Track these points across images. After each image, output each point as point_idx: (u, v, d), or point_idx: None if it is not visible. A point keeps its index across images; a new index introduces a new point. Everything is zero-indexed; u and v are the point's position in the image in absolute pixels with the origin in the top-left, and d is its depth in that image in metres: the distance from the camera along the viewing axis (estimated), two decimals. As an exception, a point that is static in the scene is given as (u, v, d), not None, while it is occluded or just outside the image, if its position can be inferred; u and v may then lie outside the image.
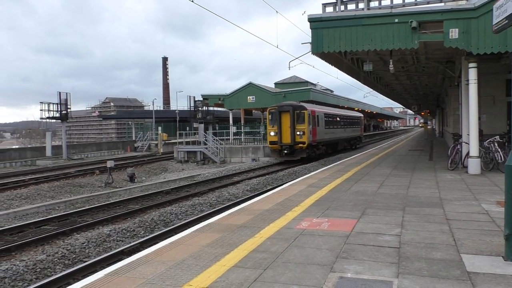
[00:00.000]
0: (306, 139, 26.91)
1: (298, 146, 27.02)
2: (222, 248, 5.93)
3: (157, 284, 4.64)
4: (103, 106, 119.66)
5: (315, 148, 28.81)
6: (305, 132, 26.82)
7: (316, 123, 28.67)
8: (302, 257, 5.41)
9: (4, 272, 7.43)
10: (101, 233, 9.99)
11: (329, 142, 32.31)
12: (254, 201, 9.78)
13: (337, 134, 34.91)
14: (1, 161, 33.62)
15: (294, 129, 27.03)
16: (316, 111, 29.16)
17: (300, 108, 27.44)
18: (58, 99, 37.58)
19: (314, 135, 27.98)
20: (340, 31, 13.96)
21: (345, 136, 37.70)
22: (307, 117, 27.03)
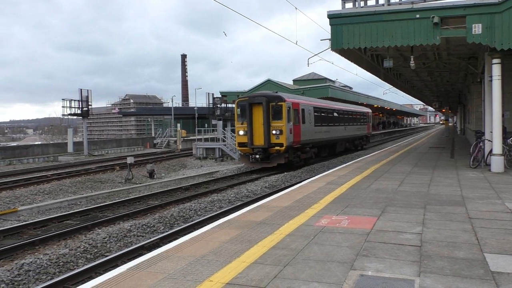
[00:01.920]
0: (285, 140, 20.65)
1: (274, 149, 20.82)
2: (241, 244, 5.96)
3: (178, 279, 4.69)
4: (123, 103, 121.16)
5: (299, 151, 22.72)
6: (283, 131, 20.68)
7: (301, 119, 22.59)
8: (322, 254, 5.40)
9: (28, 265, 7.61)
10: (122, 228, 10.14)
11: (322, 143, 26.50)
12: (273, 198, 9.79)
13: (334, 133, 28.72)
14: (25, 156, 34.36)
15: (268, 127, 20.81)
16: (300, 104, 22.99)
17: (276, 99, 21.06)
18: (80, 96, 38.20)
19: (297, 134, 21.99)
20: (359, 27, 13.83)
21: (346, 135, 31.66)
22: (286, 111, 20.85)
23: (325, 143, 27.12)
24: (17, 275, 7.26)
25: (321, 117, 26.28)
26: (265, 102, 20.80)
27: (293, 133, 21.47)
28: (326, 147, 27.90)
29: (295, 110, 21.85)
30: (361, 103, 55.45)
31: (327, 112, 27.91)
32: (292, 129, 21.31)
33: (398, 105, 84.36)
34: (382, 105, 66.83)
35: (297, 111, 22.26)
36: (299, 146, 22.41)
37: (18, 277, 7.23)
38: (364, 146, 37.83)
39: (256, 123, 21.08)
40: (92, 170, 24.38)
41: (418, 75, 29.13)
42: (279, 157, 20.92)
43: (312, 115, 24.48)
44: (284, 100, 21.07)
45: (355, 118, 34.88)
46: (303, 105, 23.26)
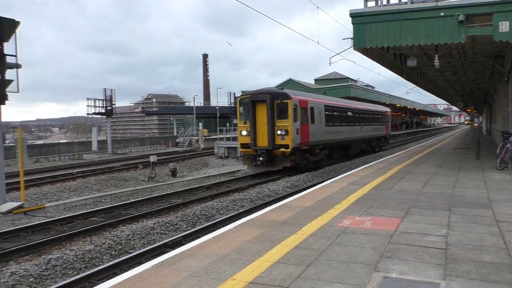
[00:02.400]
0: (291, 141, 18.96)
1: (279, 151, 19.14)
2: (264, 243, 5.98)
3: (202, 277, 4.74)
4: (146, 102, 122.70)
5: (307, 153, 20.98)
6: (288, 131, 18.97)
7: (309, 119, 20.89)
8: (345, 255, 5.38)
9: (55, 260, 7.80)
10: (145, 225, 10.29)
11: (334, 144, 24.61)
12: (295, 198, 9.79)
13: (348, 134, 26.75)
14: (51, 154, 35.17)
15: (273, 126, 19.15)
16: (309, 102, 21.19)
17: (281, 96, 19.26)
18: (104, 96, 38.85)
19: (305, 135, 20.24)
20: (382, 26, 13.69)
21: (361, 136, 29.59)
22: (292, 110, 19.11)
23: (338, 144, 25.12)
24: (45, 270, 7.46)
25: (334, 116, 24.44)
26: (269, 99, 19.04)
27: (301, 134, 19.76)
28: (339, 149, 25.93)
29: (302, 108, 20.17)
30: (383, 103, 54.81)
31: (340, 111, 25.98)
32: (299, 129, 19.59)
33: (421, 105, 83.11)
34: (404, 104, 65.93)
35: (305, 109, 20.52)
36: (307, 147, 20.68)
37: (45, 271, 7.42)
38: (382, 148, 35.92)
39: (260, 122, 19.43)
40: (116, 168, 24.78)
41: (442, 74, 28.63)
42: (285, 159, 19.22)
43: (322, 114, 22.66)
44: (290, 97, 19.20)
45: (372, 118, 32.62)
46: (312, 103, 21.48)
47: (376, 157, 26.95)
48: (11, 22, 12.12)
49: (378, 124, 33.87)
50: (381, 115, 35.57)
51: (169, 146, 50.26)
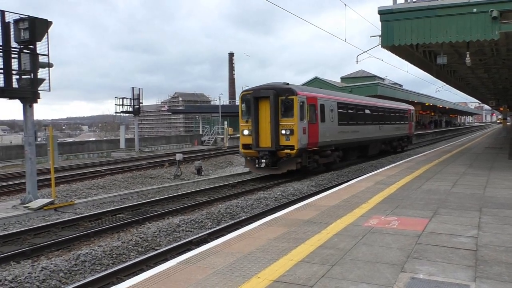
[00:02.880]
0: (296, 142, 17.21)
1: (283, 152, 17.40)
2: (289, 242, 5.96)
3: (227, 274, 4.76)
4: (172, 100, 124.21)
5: (316, 155, 19.02)
6: (294, 130, 17.23)
7: (319, 117, 19.06)
8: (371, 255, 5.30)
9: (84, 256, 7.97)
10: (171, 223, 10.40)
11: (349, 145, 22.66)
12: (319, 197, 9.72)
13: (366, 134, 24.67)
14: (80, 152, 35.99)
15: (276, 125, 17.37)
16: (319, 98, 19.34)
17: (286, 92, 17.56)
18: (132, 94, 39.48)
19: (313, 134, 18.43)
20: (411, 23, 13.44)
21: (380, 136, 27.38)
22: (298, 107, 17.37)
23: (353, 144, 23.15)
24: (74, 265, 7.63)
25: (348, 115, 22.35)
26: (273, 95, 17.31)
27: (308, 133, 17.89)
28: (354, 150, 23.93)
29: (311, 105, 18.37)
30: (411, 101, 53.84)
31: (356, 109, 23.78)
32: (306, 128, 17.76)
33: (451, 103, 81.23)
34: (433, 103, 64.57)
35: (314, 106, 18.71)
36: (316, 148, 18.78)
37: (75, 267, 7.59)
38: (405, 148, 33.56)
39: (263, 121, 17.71)
40: (143, 166, 25.15)
41: (473, 72, 27.87)
42: (289, 162, 17.46)
43: (335, 112, 20.68)
44: (296, 93, 17.48)
45: (394, 116, 30.27)
46: (322, 100, 19.59)
47: (403, 156, 26.49)
48: (43, 22, 12.44)
49: (400, 123, 31.62)
50: (404, 113, 33.16)
51: (194, 145, 50.72)
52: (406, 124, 33.23)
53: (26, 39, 12.24)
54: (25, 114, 12.69)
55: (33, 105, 12.68)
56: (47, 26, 12.57)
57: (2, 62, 12.02)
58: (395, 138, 30.61)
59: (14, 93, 12.37)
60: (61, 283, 7.00)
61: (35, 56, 12.37)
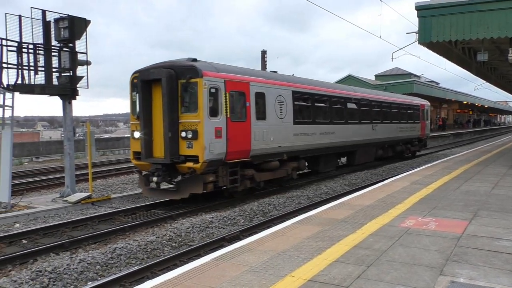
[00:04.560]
0: (202, 150, 11.19)
1: (185, 166, 11.47)
2: (323, 241, 5.89)
3: (260, 272, 4.74)
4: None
5: (252, 168, 13.00)
6: (198, 132, 11.24)
7: (252, 112, 12.71)
8: (408, 257, 5.17)
9: (120, 250, 8.14)
10: (204, 219, 10.49)
11: (318, 151, 16.33)
12: (353, 196, 9.59)
13: (347, 136, 18.17)
14: (116, 148, 36.89)
15: (173, 124, 11.43)
16: (253, 83, 12.87)
17: (188, 71, 11.41)
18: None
19: (239, 138, 12.23)
20: (450, 18, 13.04)
21: (375, 138, 20.94)
22: (205, 95, 11.28)
23: (326, 150, 16.84)
24: (110, 258, 7.80)
25: (314, 110, 15.97)
26: (167, 77, 11.20)
27: (229, 136, 11.78)
28: (330, 157, 17.78)
29: (236, 94, 12.21)
30: (448, 99, 52.36)
31: (331, 102, 17.07)
32: (224, 128, 11.65)
33: (491, 102, 78.52)
34: (472, 101, 62.56)
35: (244, 96, 12.47)
36: (248, 159, 12.62)
37: (111, 260, 7.76)
38: (416, 153, 27.82)
39: (158, 117, 11.76)
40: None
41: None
42: (193, 181, 11.41)
43: (288, 106, 14.34)
44: (202, 73, 11.18)
45: (397, 113, 23.69)
46: (259, 86, 13.11)
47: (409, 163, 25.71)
48: (82, 21, 12.78)
49: (407, 122, 25.01)
50: (413, 109, 26.31)
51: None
52: (416, 123, 26.59)
53: (65, 38, 12.61)
54: (64, 111, 13.09)
55: (71, 102, 13.05)
56: (85, 25, 12.90)
57: (43, 60, 12.43)
58: (400, 141, 24.31)
59: (54, 90, 12.78)
60: (97, 275, 7.17)
61: (74, 54, 12.72)
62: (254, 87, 12.94)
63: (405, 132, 24.71)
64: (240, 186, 12.69)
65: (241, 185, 12.75)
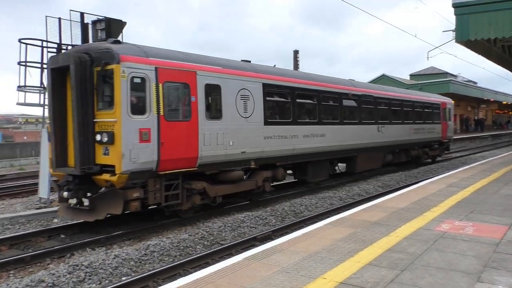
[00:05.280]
0: (119, 158, 8.69)
1: (101, 178, 9.02)
2: (355, 244, 5.83)
3: (292, 273, 4.74)
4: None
5: (203, 180, 10.53)
6: (115, 134, 8.71)
7: (199, 109, 10.16)
8: (444, 262, 5.05)
9: (153, 247, 8.30)
10: (236, 218, 10.55)
11: (301, 157, 13.66)
12: (387, 198, 9.44)
13: (343, 139, 15.47)
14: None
15: (86, 124, 9.00)
16: (201, 73, 10.29)
17: (104, 57, 8.94)
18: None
19: (181, 142, 9.75)
20: (489, 15, 12.64)
21: (378, 141, 17.84)
22: (124, 87, 8.76)
23: (313, 157, 14.13)
24: (144, 255, 7.96)
25: (295, 107, 13.26)
26: (76, 65, 8.85)
27: (161, 140, 9.24)
28: (320, 164, 14.88)
29: (171, 85, 9.74)
30: (486, 99, 50.73)
31: (320, 98, 14.39)
32: (153, 130, 9.14)
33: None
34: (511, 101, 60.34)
35: (186, 88, 9.94)
36: (194, 169, 10.10)
37: (144, 256, 7.92)
38: (437, 158, 24.75)
39: (68, 116, 9.49)
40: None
41: (560, 68, 25.71)
42: (109, 199, 9.05)
43: (255, 101, 11.73)
44: (119, 58, 8.79)
45: (412, 112, 20.86)
46: (208, 76, 10.45)
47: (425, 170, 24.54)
48: (118, 23, 13.08)
49: (424, 122, 21.89)
50: (432, 108, 23.13)
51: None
52: (436, 124, 23.35)
53: (102, 39, 12.92)
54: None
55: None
56: (121, 26, 13.20)
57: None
58: (414, 145, 21.39)
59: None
60: (131, 271, 7.34)
61: (111, 55, 13.03)
62: (204, 78, 10.33)
63: (421, 134, 21.60)
64: (185, 203, 10.16)
65: (187, 202, 10.22)
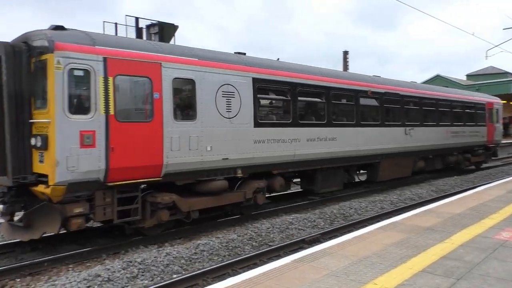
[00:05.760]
0: (51, 167, 7.22)
1: (38, 190, 7.48)
2: (407, 249, 5.66)
3: (341, 277, 4.67)
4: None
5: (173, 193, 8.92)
6: (49, 137, 7.29)
7: (165, 106, 8.52)
8: (504, 272, 4.79)
9: (203, 246, 8.45)
10: (284, 220, 10.54)
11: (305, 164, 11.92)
12: (442, 203, 9.10)
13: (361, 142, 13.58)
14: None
15: (15, 126, 7.55)
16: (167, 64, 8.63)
17: (39, 45, 7.50)
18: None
19: (130, 148, 8.01)
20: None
21: (409, 146, 15.82)
22: (61, 79, 7.24)
23: (320, 163, 12.27)
24: (194, 253, 8.12)
25: (296, 106, 11.41)
26: (7, 55, 7.51)
27: (111, 144, 7.81)
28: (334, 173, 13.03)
29: (125, 79, 8.28)
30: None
31: (329, 96, 12.35)
32: (99, 132, 7.71)
33: None
34: None
35: (147, 83, 8.40)
36: (155, 180, 8.54)
37: (194, 255, 8.07)
38: (482, 164, 22.00)
39: None
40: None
41: None
42: (45, 214, 7.73)
43: (242, 99, 9.97)
44: (53, 46, 7.30)
45: (449, 113, 18.44)
46: (177, 69, 8.89)
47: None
48: (171, 27, 13.48)
49: (464, 124, 19.29)
50: (475, 108, 20.33)
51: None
52: (480, 126, 20.57)
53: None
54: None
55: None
56: (174, 30, 13.58)
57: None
58: (452, 150, 18.74)
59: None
60: (182, 269, 7.51)
61: (164, 58, 13.43)
62: (172, 71, 8.67)
63: (460, 138, 19.05)
64: (148, 220, 8.60)
65: (151, 219, 8.63)
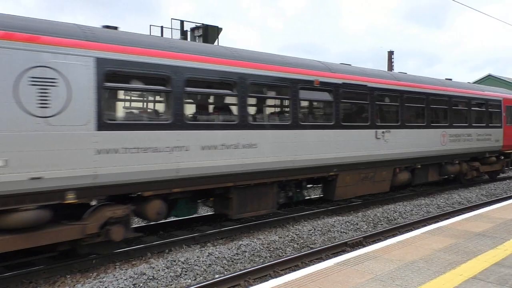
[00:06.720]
0: None
1: None
2: (457, 255, 5.42)
3: (386, 282, 4.53)
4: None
5: None
6: None
7: None
8: None
9: (245, 247, 8.47)
10: (326, 222, 10.40)
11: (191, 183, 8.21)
12: (493, 208, 8.69)
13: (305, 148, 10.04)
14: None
15: None
16: None
17: None
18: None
19: None
20: None
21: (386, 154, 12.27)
22: None
23: (220, 179, 8.74)
24: (236, 254, 8.15)
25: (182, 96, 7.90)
26: None
27: None
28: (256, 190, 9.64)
29: None
30: None
31: (240, 83, 8.77)
32: None
33: None
34: None
35: None
36: None
37: (236, 256, 8.11)
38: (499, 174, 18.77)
39: None
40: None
41: None
42: None
43: (70, 88, 6.59)
44: None
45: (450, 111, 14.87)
46: None
47: None
48: (214, 29, 13.66)
49: (469, 126, 15.77)
50: (486, 106, 16.84)
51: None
52: (493, 128, 17.04)
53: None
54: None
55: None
56: (218, 32, 13.75)
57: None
58: (452, 157, 15.12)
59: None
60: (224, 269, 7.55)
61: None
62: None
63: (464, 143, 15.43)
64: None
65: None
